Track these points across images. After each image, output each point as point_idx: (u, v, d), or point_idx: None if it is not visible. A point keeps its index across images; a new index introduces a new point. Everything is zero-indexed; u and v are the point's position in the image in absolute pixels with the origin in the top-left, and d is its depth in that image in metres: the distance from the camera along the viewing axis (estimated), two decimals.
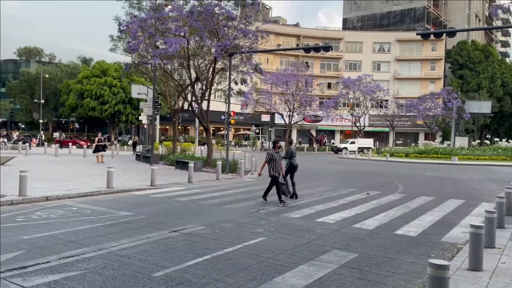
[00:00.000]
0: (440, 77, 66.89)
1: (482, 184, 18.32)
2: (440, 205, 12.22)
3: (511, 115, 69.99)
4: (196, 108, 22.89)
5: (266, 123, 61.15)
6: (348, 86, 52.91)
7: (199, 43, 21.31)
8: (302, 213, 10.45)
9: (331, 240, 7.79)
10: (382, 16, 74.16)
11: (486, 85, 64.98)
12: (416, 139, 62.25)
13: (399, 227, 9.10)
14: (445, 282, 3.80)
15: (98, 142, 24.72)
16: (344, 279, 5.65)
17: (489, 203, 12.39)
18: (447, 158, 34.14)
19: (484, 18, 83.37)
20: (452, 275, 5.62)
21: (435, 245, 7.71)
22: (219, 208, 10.96)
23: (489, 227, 7.17)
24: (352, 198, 13.23)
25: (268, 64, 60.78)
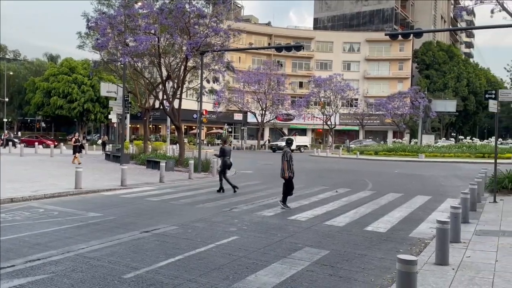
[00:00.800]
0: (407, 76, 68.65)
1: (448, 180, 18.93)
2: (408, 201, 12.55)
3: (475, 113, 72.70)
4: (168, 107, 22.61)
5: (238, 122, 61.10)
6: (319, 85, 53.56)
7: (170, 41, 21.04)
8: (274, 211, 10.51)
9: (303, 238, 7.87)
10: (352, 16, 75.41)
11: (452, 85, 67.16)
12: (385, 137, 63.67)
13: (369, 223, 9.29)
14: (413, 277, 3.90)
15: (75, 143, 23.92)
16: (316, 276, 5.72)
17: (454, 199, 12.83)
18: (414, 156, 35.10)
19: (449, 19, 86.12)
20: (419, 269, 5.78)
21: (404, 240, 7.91)
22: (192, 208, 10.88)
23: (455, 222, 7.43)
24: (324, 196, 13.41)
25: (240, 62, 60.72)
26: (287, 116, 56.27)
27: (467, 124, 76.49)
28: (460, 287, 5.07)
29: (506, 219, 9.59)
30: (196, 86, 25.32)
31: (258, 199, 12.42)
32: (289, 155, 10.93)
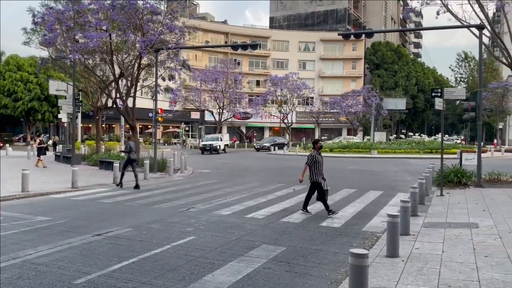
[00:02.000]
0: (360, 75, 70.74)
1: (399, 175, 19.69)
2: (361, 196, 12.94)
3: (424, 111, 76.07)
4: (121, 106, 21.98)
5: (196, 120, 60.49)
6: (276, 84, 54.04)
7: (123, 38, 20.45)
8: (232, 210, 10.49)
9: (260, 235, 7.91)
10: (307, 16, 76.66)
11: (402, 84, 69.93)
12: (340, 135, 65.31)
13: (325, 219, 9.48)
14: (364, 270, 4.01)
15: (39, 145, 22.64)
16: (272, 273, 5.76)
17: (405, 193, 13.33)
18: (367, 152, 36.22)
19: (399, 20, 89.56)
20: (371, 262, 5.97)
21: (357, 234, 8.14)
22: (147, 209, 10.64)
23: (404, 216, 7.73)
24: (281, 193, 13.55)
25: (196, 61, 60.10)
26: (244, 114, 56.39)
27: (416, 121, 79.96)
28: (409, 278, 5.28)
29: (452, 211, 10.11)
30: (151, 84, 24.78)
31: (216, 198, 12.35)
32: (312, 159, 9.77)
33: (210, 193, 13.50)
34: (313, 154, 9.90)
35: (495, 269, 5.55)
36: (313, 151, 10.08)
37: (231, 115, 51.83)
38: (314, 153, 9.94)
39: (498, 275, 5.28)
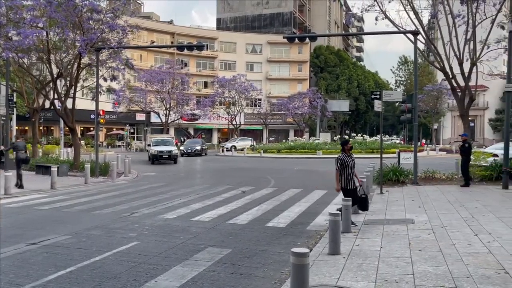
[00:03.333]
0: (306, 78, 72.42)
1: None
2: (307, 196, 13.23)
3: (365, 112, 79.14)
4: (60, 107, 20.93)
5: (141, 122, 58.98)
6: (224, 85, 53.99)
7: (61, 36, 19.48)
8: (178, 213, 10.31)
9: (206, 238, 7.84)
10: (254, 18, 77.29)
11: (345, 86, 72.41)
12: (287, 136, 66.44)
13: (270, 219, 9.59)
14: (305, 268, 4.10)
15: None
16: (217, 275, 5.73)
17: None
18: (313, 153, 37.14)
19: (342, 25, 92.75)
20: (314, 260, 6.11)
21: (302, 233, 8.31)
22: (87, 215, 10.20)
23: (346, 214, 7.99)
24: (228, 195, 13.52)
25: (141, 61, 58.60)
26: (192, 116, 55.76)
27: (359, 122, 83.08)
28: (349, 274, 5.45)
29: (390, 208, 10.59)
30: (92, 85, 23.81)
31: (161, 202, 12.09)
32: (340, 162, 8.54)
33: (155, 196, 13.20)
34: (341, 157, 8.57)
35: (428, 262, 5.87)
36: (341, 154, 8.70)
37: (178, 116, 51.04)
38: (342, 156, 8.58)
39: (430, 268, 5.59)
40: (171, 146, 29.70)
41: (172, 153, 28.50)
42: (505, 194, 12.81)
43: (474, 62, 17.13)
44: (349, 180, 8.52)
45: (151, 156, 28.26)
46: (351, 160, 8.60)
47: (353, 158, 8.73)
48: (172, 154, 28.51)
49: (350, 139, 8.63)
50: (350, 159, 8.60)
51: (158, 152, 28.00)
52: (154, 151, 28.18)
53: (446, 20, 17.45)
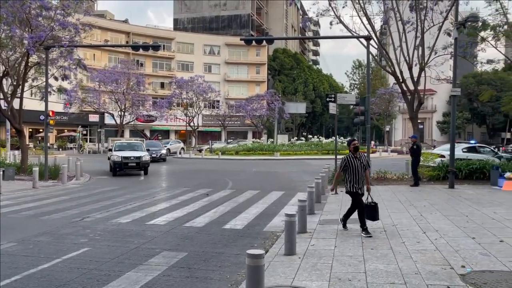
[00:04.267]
0: (264, 80, 72.95)
1: (299, 176, 20.66)
2: (264, 197, 13.31)
3: (322, 114, 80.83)
4: (6, 107, 19.83)
5: (94, 123, 57.05)
6: (181, 86, 53.29)
7: (7, 33, 18.47)
8: (132, 217, 10.05)
9: (161, 242, 7.69)
10: (212, 19, 76.93)
11: (301, 89, 73.65)
12: (246, 137, 66.60)
13: (227, 221, 9.56)
14: (260, 269, 4.11)
15: None
16: (172, 280, 5.63)
17: (304, 192, 14.00)
18: (271, 154, 37.46)
19: (299, 29, 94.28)
20: (271, 261, 6.15)
21: (258, 235, 8.34)
22: (35, 220, 9.72)
23: (302, 215, 8.11)
24: (185, 197, 13.35)
25: (95, 60, 56.73)
26: (148, 117, 54.61)
27: (316, 124, 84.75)
28: (304, 274, 5.53)
29: (344, 208, 10.77)
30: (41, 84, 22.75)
31: (115, 206, 11.74)
32: (344, 163, 7.87)
33: (109, 200, 12.80)
34: (345, 158, 7.91)
35: (379, 260, 6.07)
36: (349, 154, 7.96)
37: (133, 117, 49.80)
38: (347, 156, 7.90)
39: (382, 266, 5.78)
40: (140, 151, 22.91)
41: (142, 160, 21.37)
42: (451, 193, 13.49)
43: (422, 67, 17.96)
44: (353, 183, 7.76)
45: (113, 164, 21.57)
46: (357, 162, 7.75)
47: (362, 160, 7.83)
48: (142, 162, 21.39)
49: (355, 139, 9.08)
50: (357, 160, 7.76)
51: (123, 158, 21.48)
52: (117, 158, 21.42)
53: (397, 26, 18.19)
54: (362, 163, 7.80)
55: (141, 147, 23.78)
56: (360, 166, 7.76)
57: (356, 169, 7.72)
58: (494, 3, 16.69)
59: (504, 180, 14.23)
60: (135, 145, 24.03)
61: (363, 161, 7.83)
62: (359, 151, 7.94)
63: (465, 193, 13.14)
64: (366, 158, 7.86)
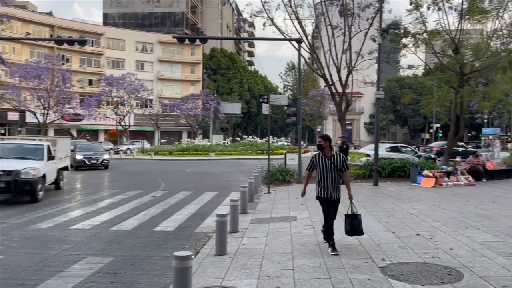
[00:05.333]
0: (199, 79, 72.26)
1: (233, 176, 20.72)
2: (197, 198, 13.17)
3: (257, 115, 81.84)
4: None
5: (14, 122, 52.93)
6: (111, 84, 51.10)
7: None
8: (54, 222, 9.44)
9: (85, 247, 7.30)
10: (144, 16, 74.72)
11: (237, 89, 74.03)
12: (180, 138, 65.54)
13: (158, 223, 9.32)
14: (188, 271, 4.04)
15: None
16: (95, 286, 5.36)
17: (237, 192, 14.07)
18: (206, 155, 37.22)
19: (234, 29, 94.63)
20: (201, 262, 6.09)
21: (190, 236, 8.22)
22: None
23: (234, 214, 8.12)
24: (113, 200, 12.82)
25: (15, 54, 52.66)
26: (75, 116, 51.72)
27: (251, 124, 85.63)
28: (234, 273, 5.54)
29: (276, 207, 11.07)
30: None
31: (35, 210, 10.96)
32: (311, 162, 6.74)
33: (27, 204, 11.91)
34: (312, 156, 6.76)
35: (307, 256, 6.24)
36: (318, 152, 6.74)
37: (58, 116, 46.89)
38: (315, 155, 6.70)
39: (309, 262, 5.95)
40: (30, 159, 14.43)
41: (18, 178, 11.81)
42: (375, 190, 14.28)
43: (350, 71, 18.83)
44: (323, 186, 6.53)
45: None
46: (327, 162, 6.47)
47: (334, 160, 6.47)
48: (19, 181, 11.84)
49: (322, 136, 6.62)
50: (327, 160, 6.47)
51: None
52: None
53: (326, 31, 18.90)
54: (334, 164, 6.45)
55: (38, 152, 13.70)
56: (331, 167, 6.44)
57: (325, 171, 6.46)
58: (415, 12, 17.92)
59: (422, 177, 15.34)
60: (24, 149, 13.99)
61: (335, 162, 6.47)
62: (336, 152, 6.63)
63: (387, 190, 13.98)
64: (343, 159, 6.54)
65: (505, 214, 9.45)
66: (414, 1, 17.51)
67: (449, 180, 15.42)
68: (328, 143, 6.57)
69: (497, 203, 11.00)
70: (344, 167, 6.57)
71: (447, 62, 18.41)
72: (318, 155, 6.62)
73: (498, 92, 23.13)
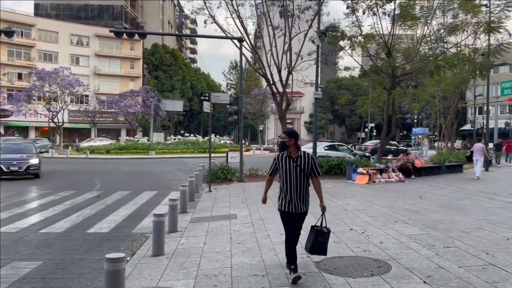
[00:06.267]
0: (139, 76, 70.16)
1: (174, 175, 20.37)
2: (135, 198, 12.79)
3: (199, 113, 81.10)
4: None
5: None
6: (43, 78, 48.15)
7: None
8: None
9: (11, 252, 6.83)
10: (80, 8, 71.14)
11: (179, 87, 72.82)
12: (119, 135, 63.28)
13: (93, 225, 8.94)
14: (120, 274, 3.92)
15: None
16: None
17: (177, 191, 13.85)
18: (145, 153, 36.25)
19: (175, 25, 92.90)
20: (137, 264, 5.93)
21: (126, 237, 7.97)
22: None
23: (173, 214, 8.00)
24: (44, 201, 12.11)
25: None
26: (2, 112, 48.12)
27: (193, 122, 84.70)
28: (171, 273, 5.45)
29: (217, 205, 11.04)
30: None
31: None
32: (273, 165, 5.35)
33: None
34: (275, 157, 5.38)
35: (245, 254, 6.30)
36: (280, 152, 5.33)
37: None
38: (278, 155, 5.35)
39: (247, 259, 6.00)
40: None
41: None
42: None
43: (290, 71, 19.20)
44: (285, 195, 5.19)
45: None
46: (292, 164, 5.09)
47: (301, 163, 5.09)
48: None
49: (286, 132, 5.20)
50: (292, 162, 5.09)
51: None
52: None
53: (268, 31, 19.13)
54: (300, 167, 5.07)
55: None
56: (296, 170, 5.07)
57: (289, 175, 5.08)
58: (351, 16, 18.63)
59: (357, 174, 16.03)
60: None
61: (302, 165, 5.08)
62: (304, 152, 5.19)
63: (324, 187, 14.39)
64: (311, 162, 5.13)
65: (430, 208, 10.13)
66: (351, 5, 18.22)
67: (382, 177, 16.26)
68: (294, 141, 5.12)
69: (424, 199, 11.77)
70: (314, 171, 5.14)
71: (381, 64, 19.35)
72: (282, 155, 5.18)
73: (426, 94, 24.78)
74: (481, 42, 24.91)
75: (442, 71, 17.75)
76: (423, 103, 28.20)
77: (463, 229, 7.77)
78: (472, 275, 5.17)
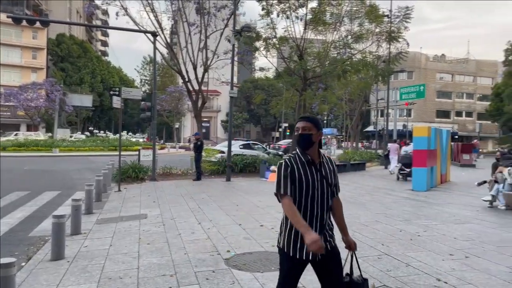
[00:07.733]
0: (42, 67, 64.81)
1: (80, 174, 19.14)
2: (34, 199, 11.79)
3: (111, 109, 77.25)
4: None
5: None
6: None
7: None
8: None
9: None
10: None
11: (88, 80, 68.60)
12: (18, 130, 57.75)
13: None
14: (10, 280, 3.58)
15: None
16: None
17: (83, 191, 13.05)
18: (48, 151, 33.60)
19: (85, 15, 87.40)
20: (33, 269, 5.47)
21: (22, 241, 7.31)
22: None
23: (75, 215, 7.51)
24: None
25: None
26: None
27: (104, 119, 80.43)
28: (71, 278, 5.11)
29: (126, 205, 10.60)
30: None
31: None
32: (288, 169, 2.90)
33: None
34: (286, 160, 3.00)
35: (154, 254, 6.12)
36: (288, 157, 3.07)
37: None
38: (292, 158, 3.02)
39: (155, 260, 5.84)
40: None
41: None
42: (227, 185, 14.82)
43: (206, 69, 19.13)
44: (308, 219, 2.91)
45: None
46: (314, 174, 2.95)
47: (325, 171, 2.99)
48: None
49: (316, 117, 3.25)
50: (314, 170, 2.96)
51: None
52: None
53: (183, 27, 18.86)
54: (326, 180, 2.98)
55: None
56: (322, 185, 2.96)
57: (311, 191, 2.91)
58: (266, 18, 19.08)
59: (270, 172, 16.48)
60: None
61: (328, 176, 3.01)
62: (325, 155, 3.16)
63: (238, 185, 14.63)
64: (335, 170, 3.12)
65: None
66: (266, 7, 18.65)
67: None
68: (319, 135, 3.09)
69: None
70: (338, 185, 3.14)
71: (293, 67, 20.11)
72: (296, 159, 3.00)
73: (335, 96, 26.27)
74: (383, 50, 27.08)
75: (349, 75, 19.00)
76: (332, 105, 29.87)
77: (363, 222, 8.36)
78: (368, 264, 5.59)
